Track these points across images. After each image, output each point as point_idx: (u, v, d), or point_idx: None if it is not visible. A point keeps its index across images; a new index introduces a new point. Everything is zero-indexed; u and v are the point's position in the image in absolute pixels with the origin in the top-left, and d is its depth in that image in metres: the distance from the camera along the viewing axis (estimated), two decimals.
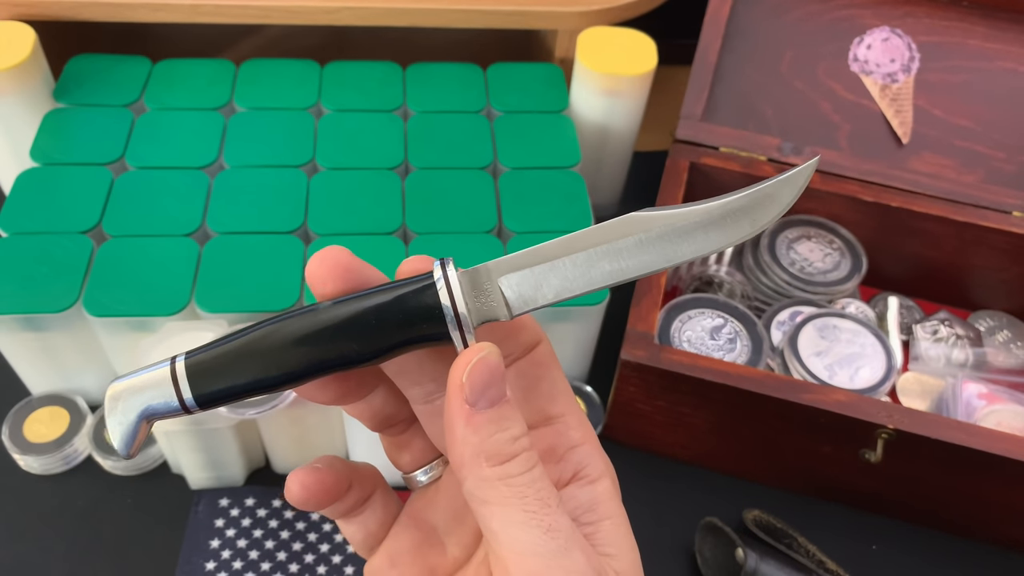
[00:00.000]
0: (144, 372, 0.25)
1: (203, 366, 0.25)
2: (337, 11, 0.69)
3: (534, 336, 0.28)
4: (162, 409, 0.25)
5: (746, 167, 0.69)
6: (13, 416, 0.60)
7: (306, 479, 0.28)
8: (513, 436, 0.25)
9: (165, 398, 0.25)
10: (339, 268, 0.26)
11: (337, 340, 0.25)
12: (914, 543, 0.61)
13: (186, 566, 0.55)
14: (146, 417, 0.25)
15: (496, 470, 0.24)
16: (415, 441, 0.30)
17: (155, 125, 0.65)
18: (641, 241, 0.26)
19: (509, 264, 0.26)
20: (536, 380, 0.28)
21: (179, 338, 0.52)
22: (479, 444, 0.24)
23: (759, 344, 0.62)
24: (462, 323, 0.25)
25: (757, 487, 0.62)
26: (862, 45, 0.71)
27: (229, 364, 0.25)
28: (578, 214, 0.61)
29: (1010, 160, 0.69)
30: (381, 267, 0.27)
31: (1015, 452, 0.52)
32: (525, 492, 0.24)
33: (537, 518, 0.24)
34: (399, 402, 0.29)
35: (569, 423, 0.28)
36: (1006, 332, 0.70)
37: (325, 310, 0.25)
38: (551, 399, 0.28)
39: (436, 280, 0.25)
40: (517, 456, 0.25)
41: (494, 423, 0.25)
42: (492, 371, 0.25)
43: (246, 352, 0.25)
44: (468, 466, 0.25)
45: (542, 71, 0.73)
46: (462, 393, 0.24)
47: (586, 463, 0.28)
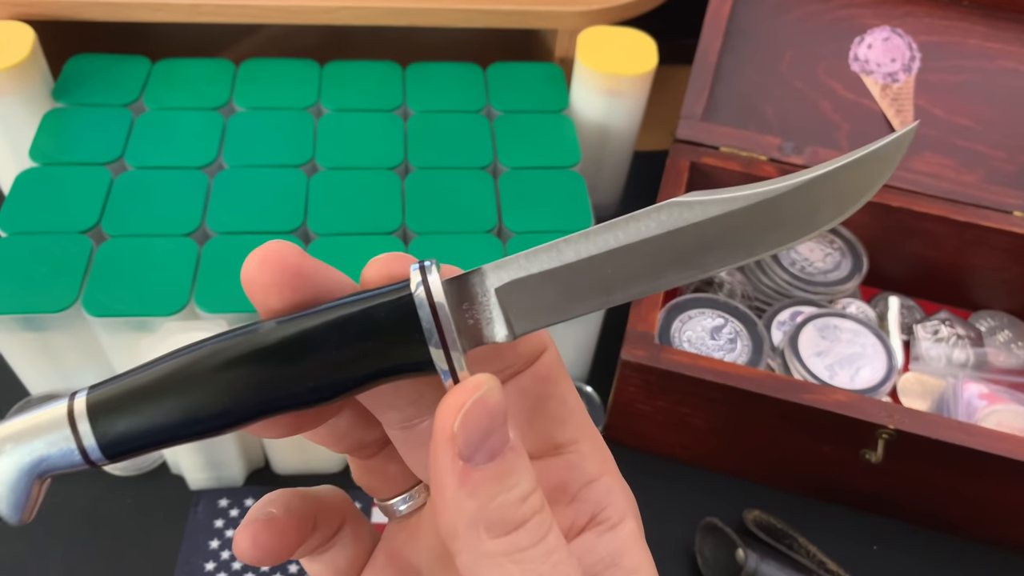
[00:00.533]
0: (35, 412, 0.20)
1: (110, 404, 0.19)
2: (336, 11, 0.69)
3: (537, 343, 0.22)
4: (59, 462, 0.19)
5: (746, 167, 0.69)
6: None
7: (259, 534, 0.23)
8: (521, 496, 0.19)
9: (62, 447, 0.19)
10: (286, 273, 0.19)
11: (285, 373, 0.19)
12: (914, 543, 0.61)
13: (185, 566, 0.54)
14: (39, 473, 0.19)
15: (500, 543, 0.19)
16: (390, 465, 0.24)
17: (154, 125, 0.65)
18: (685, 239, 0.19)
19: (511, 268, 0.20)
20: (542, 399, 0.22)
21: (178, 338, 0.52)
22: (478, 511, 0.19)
23: (759, 344, 0.62)
24: (449, 348, 0.19)
25: (757, 487, 0.62)
26: (862, 45, 0.71)
27: (145, 401, 0.19)
28: (578, 214, 0.61)
29: (1010, 160, 0.69)
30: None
31: (1015, 452, 0.52)
32: (539, 570, 0.19)
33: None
34: (369, 424, 0.24)
35: (583, 451, 0.23)
36: (1007, 332, 0.70)
37: (268, 332, 0.19)
38: (560, 422, 0.23)
39: (414, 291, 0.19)
40: (527, 522, 0.19)
41: (496, 481, 0.19)
42: (492, 415, 0.19)
43: (167, 385, 0.19)
44: (464, 538, 0.19)
45: (542, 71, 0.73)
46: (453, 446, 0.19)
47: (605, 502, 0.22)
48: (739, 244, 0.19)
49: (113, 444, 0.19)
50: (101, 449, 0.19)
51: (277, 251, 0.19)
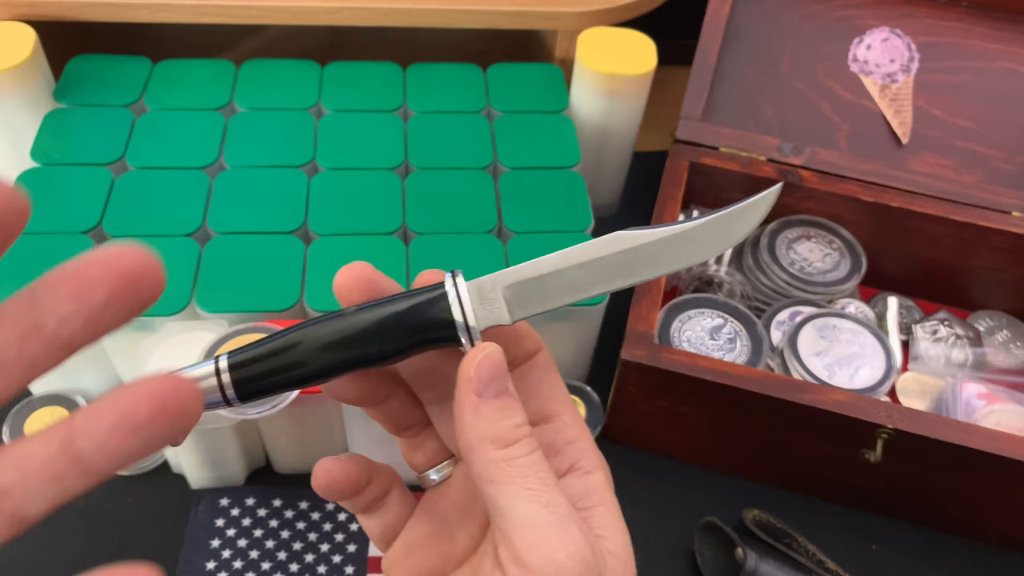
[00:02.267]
0: (191, 369, 0.28)
1: (244, 363, 0.28)
2: (337, 11, 0.69)
3: (534, 344, 0.32)
4: (207, 402, 0.28)
5: (746, 167, 0.69)
6: (14, 416, 0.60)
7: (332, 467, 0.32)
8: (516, 423, 0.28)
9: (209, 391, 0.27)
10: (363, 281, 0.29)
11: (361, 341, 0.28)
12: (914, 543, 0.61)
13: (186, 566, 0.55)
14: None
15: (501, 452, 0.27)
16: (428, 443, 0.34)
17: (156, 125, 0.65)
18: (632, 255, 0.29)
19: (512, 275, 0.29)
20: (536, 382, 0.31)
21: (179, 338, 0.52)
22: (486, 429, 0.27)
23: (759, 344, 0.62)
24: (470, 327, 0.28)
25: (756, 487, 0.63)
26: (862, 45, 0.71)
27: (266, 361, 0.28)
28: (578, 214, 0.62)
29: (1009, 160, 0.69)
30: (382, 266, 0.30)
31: (1015, 452, 0.53)
32: (526, 472, 0.27)
33: (537, 495, 0.27)
34: (414, 406, 0.33)
35: (566, 421, 0.31)
36: (1006, 332, 0.71)
37: (351, 315, 0.28)
38: (550, 399, 0.31)
39: (447, 290, 0.28)
40: (520, 440, 0.27)
41: (499, 411, 0.27)
42: (496, 366, 0.28)
43: (281, 350, 0.28)
44: (476, 449, 0.27)
45: (542, 71, 0.73)
46: (471, 385, 0.27)
47: (581, 456, 0.31)
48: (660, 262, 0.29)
49: (245, 390, 0.28)
50: (237, 393, 0.28)
51: (357, 268, 0.29)
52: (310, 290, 0.55)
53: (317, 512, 0.58)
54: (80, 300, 0.21)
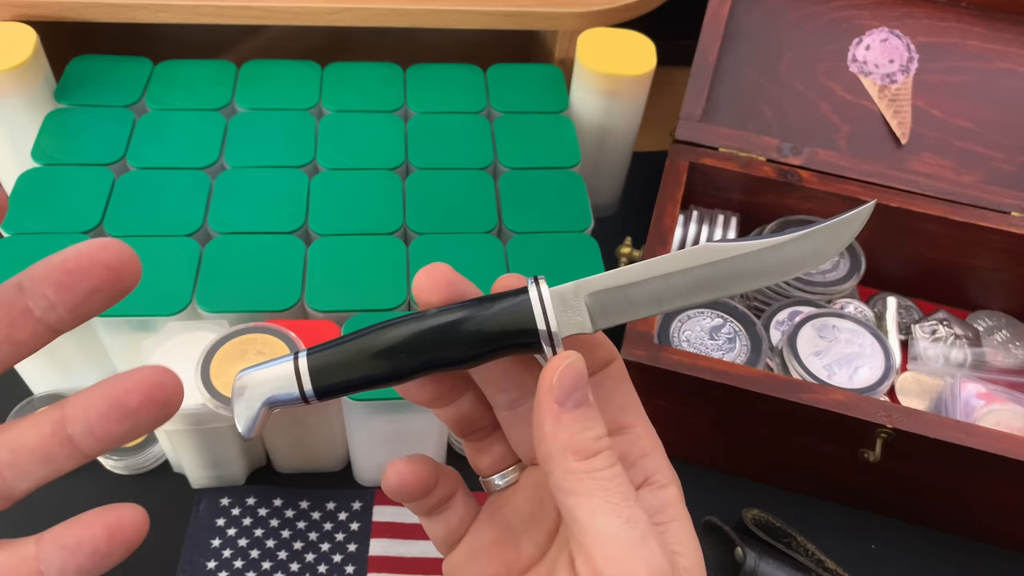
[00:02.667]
0: (269, 365, 0.28)
1: (323, 363, 0.28)
2: (338, 12, 0.69)
3: (610, 353, 0.31)
4: (284, 399, 0.28)
5: (746, 167, 0.69)
6: (14, 416, 0.60)
7: (403, 469, 0.32)
8: (597, 435, 0.27)
9: (288, 389, 0.28)
10: (443, 282, 0.29)
11: (441, 343, 0.28)
12: (913, 543, 0.61)
13: (187, 565, 0.55)
14: (269, 404, 0.28)
15: (582, 464, 0.27)
16: (495, 447, 0.33)
17: (156, 125, 0.65)
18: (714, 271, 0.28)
19: (594, 284, 0.29)
20: (611, 392, 0.31)
21: (180, 338, 0.53)
22: (567, 440, 0.27)
23: (758, 344, 0.62)
24: (552, 334, 0.28)
25: (756, 486, 0.63)
26: (861, 46, 0.71)
27: (347, 361, 0.28)
28: (578, 214, 0.62)
29: (1009, 160, 0.69)
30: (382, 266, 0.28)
31: (1014, 452, 0.53)
32: (608, 485, 0.26)
33: (618, 509, 0.26)
34: (484, 408, 0.32)
35: (640, 434, 0.31)
36: (1005, 332, 0.71)
37: (432, 316, 0.28)
38: (624, 410, 0.31)
39: (531, 296, 0.28)
40: (600, 453, 0.27)
41: (580, 422, 0.27)
42: (579, 375, 0.27)
43: (361, 350, 0.28)
44: (556, 459, 0.27)
45: (542, 71, 0.73)
46: (552, 393, 0.27)
47: (655, 470, 0.30)
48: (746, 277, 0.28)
49: (323, 389, 0.28)
50: (315, 392, 0.28)
51: (438, 269, 0.29)
52: (310, 290, 0.55)
53: (317, 511, 0.58)
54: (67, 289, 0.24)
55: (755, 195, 0.70)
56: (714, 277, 0.28)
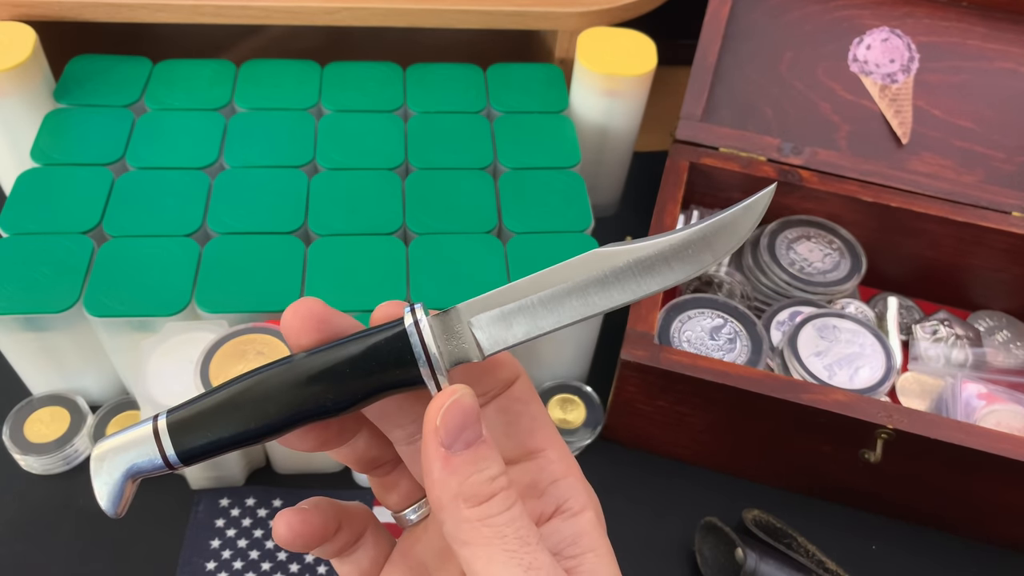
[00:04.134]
0: (127, 432, 0.25)
1: (184, 423, 0.25)
2: (337, 12, 0.69)
3: (512, 372, 0.29)
4: (146, 467, 0.25)
5: (746, 167, 0.69)
6: (14, 416, 0.60)
7: (292, 520, 0.29)
8: (491, 476, 0.25)
9: (149, 456, 0.25)
10: (313, 320, 0.26)
11: (313, 390, 0.25)
12: (914, 543, 0.61)
13: (187, 566, 0.55)
14: (131, 476, 0.25)
15: (475, 511, 0.25)
16: (402, 481, 0.31)
17: (156, 125, 0.65)
18: (607, 277, 0.26)
19: (479, 305, 0.26)
20: (516, 416, 0.29)
21: (179, 338, 0.52)
22: (457, 486, 0.25)
23: (759, 344, 0.62)
24: (434, 367, 0.25)
25: (757, 487, 0.63)
26: (861, 45, 0.71)
27: (209, 419, 0.25)
28: (578, 214, 0.62)
29: (1009, 160, 0.69)
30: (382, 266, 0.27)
31: (1015, 452, 0.53)
32: (505, 532, 0.24)
33: (517, 557, 0.24)
34: (383, 444, 0.29)
35: (550, 457, 0.28)
36: (1005, 332, 0.71)
37: (300, 362, 0.25)
38: (531, 433, 0.29)
39: (407, 326, 0.25)
40: (495, 496, 0.25)
41: (471, 464, 0.25)
42: (466, 413, 0.25)
43: (226, 406, 0.25)
44: (447, 508, 0.25)
45: (542, 71, 0.73)
46: (437, 436, 0.24)
47: (568, 496, 0.28)
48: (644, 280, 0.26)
49: (187, 452, 0.25)
50: (179, 456, 0.25)
51: (306, 305, 0.26)
52: (310, 290, 0.55)
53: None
54: None
55: None
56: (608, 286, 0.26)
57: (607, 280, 0.26)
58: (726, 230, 0.26)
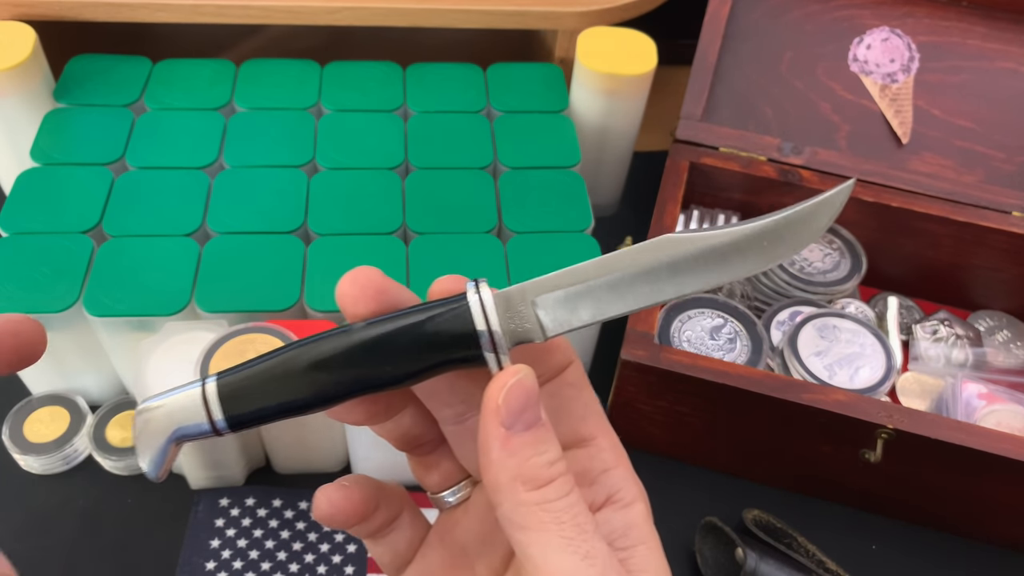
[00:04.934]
0: (173, 393, 0.25)
1: (234, 387, 0.24)
2: (337, 11, 0.69)
3: (566, 357, 0.28)
4: (193, 432, 0.24)
5: (746, 167, 0.69)
6: (13, 416, 0.60)
7: (334, 495, 0.28)
8: (550, 460, 0.24)
9: (196, 420, 0.24)
10: (371, 289, 0.25)
11: (370, 362, 0.24)
12: (914, 543, 0.61)
13: (186, 566, 0.55)
14: (176, 439, 0.25)
15: (534, 495, 0.24)
16: (443, 462, 0.30)
17: (155, 125, 0.65)
18: (678, 264, 0.25)
19: (544, 285, 0.25)
20: (568, 401, 0.28)
21: (179, 338, 0.52)
22: (516, 468, 0.24)
23: (759, 344, 0.62)
24: (497, 345, 0.24)
25: (757, 487, 0.63)
26: (862, 45, 0.71)
27: (261, 385, 0.24)
28: (578, 214, 0.62)
29: (1010, 160, 0.69)
30: (382, 267, 0.26)
31: (1015, 452, 0.53)
32: (562, 518, 0.24)
33: (575, 544, 0.24)
34: (427, 422, 0.29)
35: (602, 445, 0.28)
36: (1006, 332, 0.71)
37: (358, 331, 0.24)
38: (583, 420, 0.28)
39: (470, 301, 0.24)
40: (554, 480, 0.24)
41: (531, 446, 0.24)
42: (528, 393, 0.24)
43: (279, 373, 0.24)
44: (504, 490, 0.24)
45: (542, 71, 0.73)
46: (498, 416, 0.24)
47: (619, 487, 0.27)
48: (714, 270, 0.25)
49: (236, 418, 0.24)
50: (227, 422, 0.24)
51: (365, 273, 0.25)
52: (310, 290, 0.55)
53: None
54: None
55: (756, 195, 0.70)
56: (677, 273, 0.25)
57: (678, 267, 0.25)
58: (803, 223, 0.26)
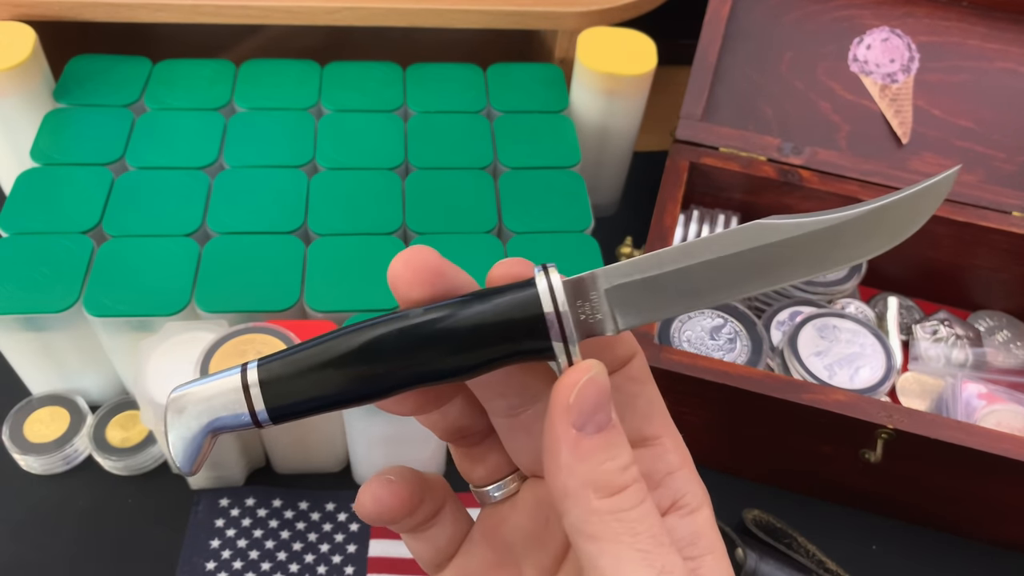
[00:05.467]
0: (211, 380, 0.23)
1: (278, 377, 0.22)
2: (337, 11, 0.69)
3: (630, 349, 0.26)
4: (231, 423, 0.22)
5: (746, 167, 0.69)
6: (13, 416, 0.60)
7: (379, 492, 0.27)
8: (623, 465, 0.23)
9: (235, 410, 0.22)
10: (427, 271, 0.23)
11: (429, 353, 0.22)
12: (914, 543, 0.61)
13: (186, 566, 0.55)
14: (212, 430, 0.22)
15: (606, 503, 0.22)
16: (490, 455, 0.28)
17: (155, 125, 0.65)
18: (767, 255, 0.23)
19: (619, 273, 0.23)
20: (632, 397, 0.26)
21: (179, 338, 0.52)
22: (587, 473, 0.22)
23: (759, 344, 0.62)
24: (567, 337, 0.22)
25: (757, 487, 0.63)
26: (862, 45, 0.71)
27: (308, 375, 0.22)
28: (578, 214, 0.62)
29: (1010, 160, 0.69)
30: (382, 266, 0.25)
31: (1015, 452, 0.52)
32: (637, 528, 0.22)
33: (651, 558, 0.22)
34: (476, 413, 0.27)
35: (666, 445, 0.26)
36: (1006, 332, 0.71)
37: (416, 318, 0.22)
38: (648, 418, 0.26)
39: (539, 288, 0.22)
40: (628, 488, 0.22)
41: (603, 450, 0.22)
42: (601, 392, 0.22)
43: (328, 360, 0.22)
44: (575, 497, 0.22)
45: (542, 71, 0.73)
46: (568, 416, 0.22)
47: (685, 491, 0.25)
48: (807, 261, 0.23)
49: (280, 410, 0.22)
50: (270, 413, 0.22)
51: (419, 254, 0.23)
52: (310, 290, 0.55)
53: (317, 512, 0.58)
54: None
55: (756, 195, 0.70)
56: (768, 262, 0.23)
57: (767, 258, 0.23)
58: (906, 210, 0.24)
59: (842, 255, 0.23)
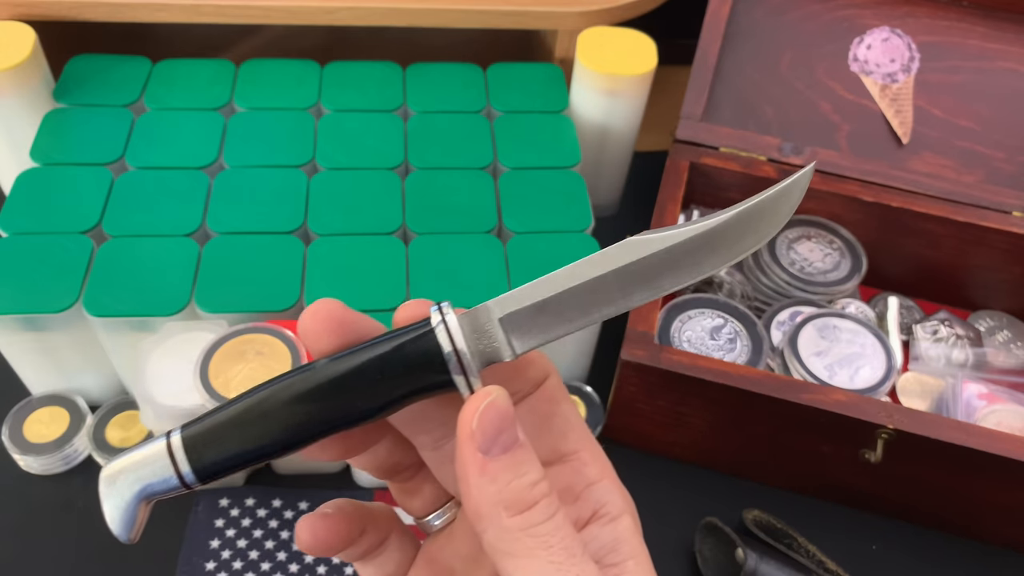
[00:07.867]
0: (139, 449, 0.24)
1: (200, 437, 0.24)
2: (337, 11, 0.69)
3: (542, 371, 0.27)
4: (160, 487, 0.24)
5: (746, 167, 0.69)
6: (13, 416, 0.60)
7: (316, 525, 0.28)
8: (532, 481, 0.24)
9: (163, 475, 0.23)
10: (332, 322, 0.24)
11: (338, 399, 0.24)
12: (914, 543, 0.61)
13: (186, 566, 0.55)
14: (144, 497, 0.24)
15: (517, 520, 0.23)
16: (425, 486, 0.29)
17: (155, 125, 0.65)
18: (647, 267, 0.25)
19: (509, 301, 0.24)
20: (547, 416, 0.27)
21: (179, 338, 0.52)
22: (497, 493, 0.23)
23: (759, 344, 0.62)
24: (466, 368, 0.24)
25: (757, 487, 0.62)
26: (862, 45, 0.71)
27: (228, 433, 0.24)
28: (578, 214, 0.61)
29: (1010, 160, 0.69)
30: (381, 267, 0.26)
31: (1015, 452, 0.52)
32: (550, 542, 0.23)
33: (564, 568, 0.23)
34: (405, 449, 0.28)
35: (584, 459, 0.27)
36: (1006, 332, 0.70)
37: (323, 368, 0.24)
38: (563, 435, 0.27)
39: (435, 326, 0.24)
40: (538, 503, 0.23)
41: (510, 470, 0.23)
42: (502, 415, 0.23)
43: (244, 419, 0.24)
44: (487, 517, 0.23)
45: (542, 71, 0.73)
46: (473, 442, 0.23)
47: (605, 500, 0.27)
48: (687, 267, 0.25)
49: (205, 470, 0.24)
50: (195, 474, 0.23)
51: (324, 306, 0.25)
52: (310, 290, 0.55)
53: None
54: None
55: None
56: (646, 275, 0.25)
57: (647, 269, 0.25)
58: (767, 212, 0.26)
59: (718, 258, 0.25)
